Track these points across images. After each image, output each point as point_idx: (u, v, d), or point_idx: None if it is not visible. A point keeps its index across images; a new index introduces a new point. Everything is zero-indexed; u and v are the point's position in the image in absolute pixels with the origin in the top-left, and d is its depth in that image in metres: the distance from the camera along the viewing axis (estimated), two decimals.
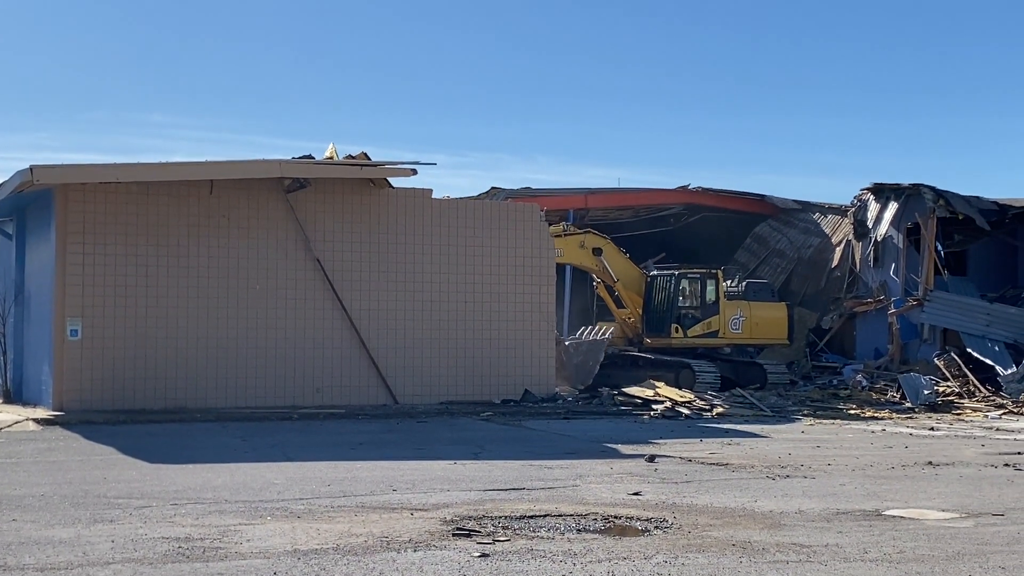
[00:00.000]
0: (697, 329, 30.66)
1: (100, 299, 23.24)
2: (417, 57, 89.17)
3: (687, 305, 30.93)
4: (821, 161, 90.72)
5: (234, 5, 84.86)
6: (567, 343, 29.54)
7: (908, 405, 27.16)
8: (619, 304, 31.86)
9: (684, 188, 39.92)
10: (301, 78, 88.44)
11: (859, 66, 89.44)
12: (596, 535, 10.08)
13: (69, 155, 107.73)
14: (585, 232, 31.04)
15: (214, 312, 24.19)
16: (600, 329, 32.13)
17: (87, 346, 23.10)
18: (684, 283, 31.13)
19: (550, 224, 28.56)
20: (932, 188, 32.87)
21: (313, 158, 25.27)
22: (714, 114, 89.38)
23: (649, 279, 31.49)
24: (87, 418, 21.46)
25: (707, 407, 25.37)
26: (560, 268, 30.85)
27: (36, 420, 21.18)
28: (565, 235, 30.38)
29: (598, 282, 32.20)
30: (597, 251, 30.77)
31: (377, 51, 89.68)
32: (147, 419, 21.80)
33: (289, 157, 24.72)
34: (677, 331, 30.54)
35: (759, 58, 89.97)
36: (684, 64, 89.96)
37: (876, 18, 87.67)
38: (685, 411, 24.70)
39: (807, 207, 40.15)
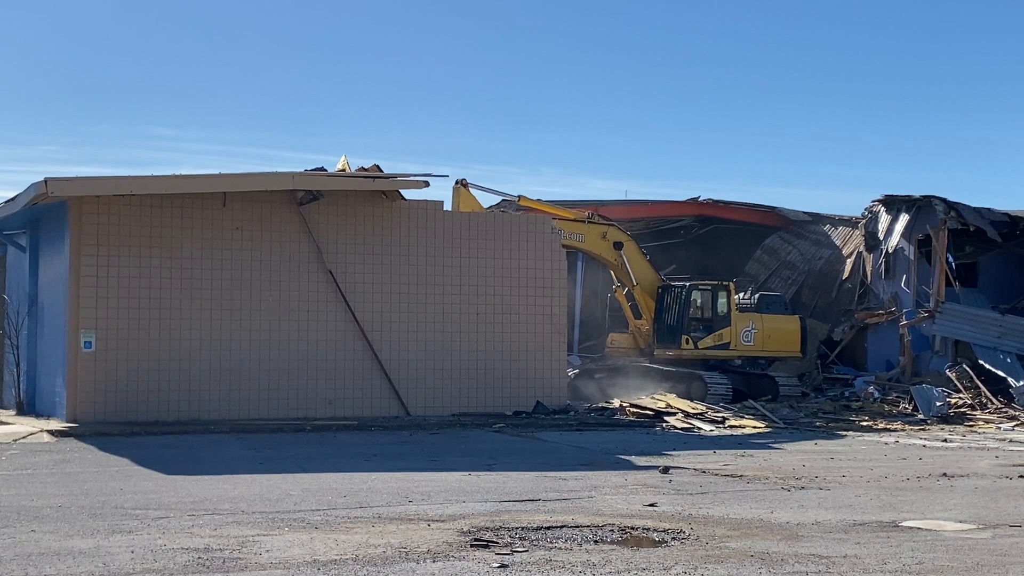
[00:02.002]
0: (708, 341, 30.60)
1: (114, 311, 23.31)
2: (422, 70, 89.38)
3: (698, 317, 30.89)
4: (831, 173, 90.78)
5: (239, 17, 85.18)
6: None
7: (920, 417, 27.11)
8: (636, 312, 31.77)
9: (695, 200, 39.97)
10: (307, 91, 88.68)
11: (869, 77, 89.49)
12: (614, 546, 10.10)
13: (76, 168, 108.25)
14: (609, 224, 30.88)
15: (227, 324, 24.25)
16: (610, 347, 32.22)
17: (100, 358, 23.15)
18: (695, 295, 31.10)
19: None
20: (943, 200, 32.86)
21: (326, 170, 25.35)
22: (722, 125, 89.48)
23: (660, 290, 31.43)
24: (101, 430, 21.51)
25: (719, 419, 25.35)
26: (570, 280, 30.87)
27: (50, 432, 21.23)
28: (588, 222, 30.33)
29: (617, 286, 32.10)
30: (618, 245, 30.64)
31: (382, 64, 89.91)
32: (161, 431, 21.86)
33: (300, 170, 24.81)
34: (687, 343, 30.49)
35: (767, 69, 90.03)
36: (691, 75, 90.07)
37: (886, 28, 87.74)
38: (697, 423, 24.68)
39: (818, 219, 40.16)
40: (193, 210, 24.11)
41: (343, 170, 26.31)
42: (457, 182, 28.24)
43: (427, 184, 24.92)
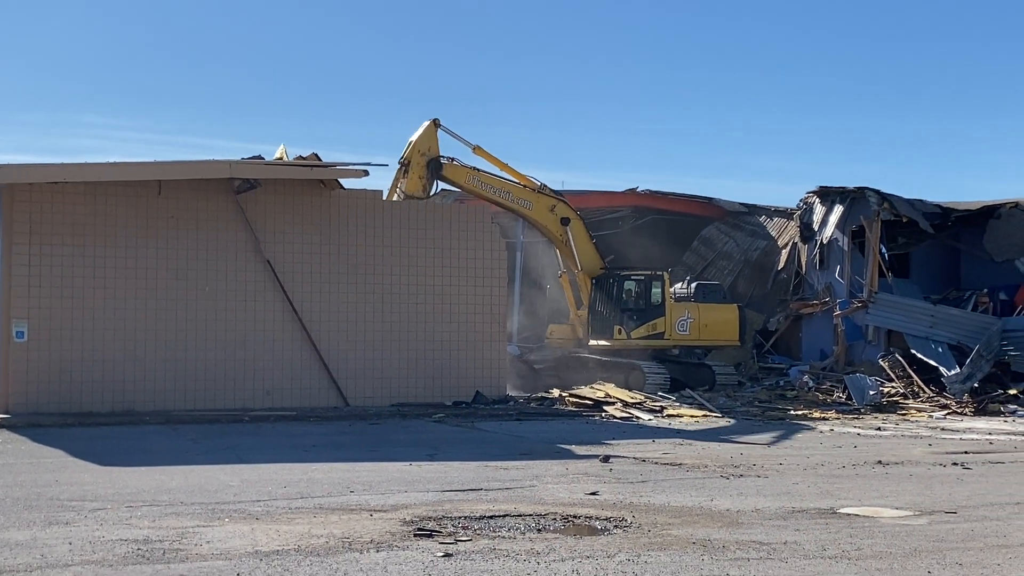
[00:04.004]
0: (641, 331, 30.69)
1: (47, 300, 22.98)
2: (358, 61, 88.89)
3: (631, 307, 30.94)
4: (765, 166, 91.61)
5: (170, 4, 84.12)
6: None
7: (854, 406, 27.44)
8: (578, 300, 31.77)
9: (632, 191, 40.16)
10: (242, 80, 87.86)
11: (802, 71, 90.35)
12: (557, 534, 10.11)
13: (5, 156, 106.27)
14: (559, 199, 30.77)
15: (163, 313, 23.99)
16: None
17: (33, 348, 22.82)
18: (628, 285, 31.18)
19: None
20: (877, 191, 33.28)
21: (263, 159, 25.16)
22: (657, 117, 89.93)
23: (594, 281, 31.42)
24: (35, 421, 21.19)
25: (657, 408, 25.50)
26: (510, 269, 30.87)
27: None
28: (539, 192, 30.21)
29: (562, 271, 32.07)
30: (565, 221, 30.51)
31: (316, 55, 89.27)
32: (96, 421, 21.58)
33: (237, 158, 24.56)
34: (620, 333, 30.56)
35: (701, 63, 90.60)
36: (626, 67, 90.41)
37: (818, 23, 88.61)
38: (636, 412, 24.81)
39: (754, 210, 40.52)
40: (128, 199, 23.80)
41: (281, 159, 26.11)
42: (432, 120, 28.58)
43: (367, 173, 24.82)
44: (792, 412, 26.13)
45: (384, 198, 26.91)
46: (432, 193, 28.63)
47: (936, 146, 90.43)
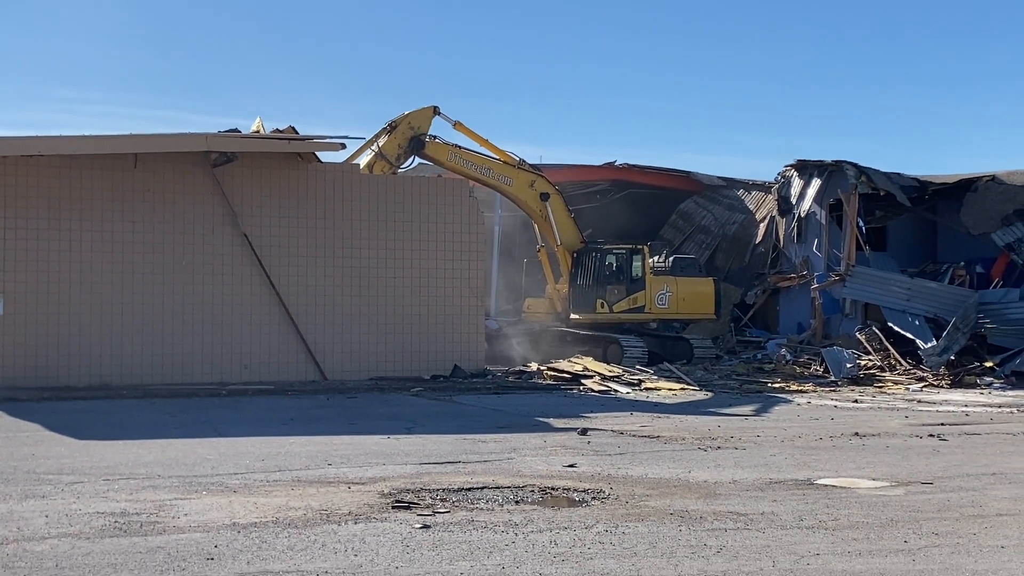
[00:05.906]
0: (623, 304, 30.76)
1: (22, 274, 22.84)
2: (333, 33, 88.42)
3: (613, 280, 31.01)
4: (743, 140, 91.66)
5: None
6: None
7: (831, 378, 27.55)
8: (556, 273, 31.77)
9: (611, 164, 40.09)
10: (217, 53, 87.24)
11: (781, 46, 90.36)
12: (535, 506, 10.13)
13: None
14: (539, 175, 30.75)
15: (139, 287, 23.87)
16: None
17: (9, 322, 22.69)
18: (610, 258, 31.22)
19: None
20: (854, 165, 33.33)
21: (240, 132, 24.99)
22: (635, 93, 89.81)
23: (575, 254, 31.44)
24: (10, 395, 21.04)
25: (635, 381, 25.54)
26: (488, 243, 30.81)
27: None
28: (519, 168, 30.22)
29: (541, 246, 32.06)
30: (544, 197, 30.50)
31: (291, 27, 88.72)
32: (72, 395, 21.46)
33: (213, 131, 24.39)
34: (602, 306, 30.64)
35: (680, 37, 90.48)
36: (603, 43, 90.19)
37: (792, 5, 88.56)
38: (614, 385, 24.85)
39: (732, 184, 40.52)
40: (103, 172, 23.63)
41: (257, 132, 25.97)
42: (433, 106, 28.88)
43: (344, 147, 24.73)
44: (769, 385, 26.21)
45: (353, 156, 26.95)
46: (404, 167, 28.56)
47: (913, 121, 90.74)
